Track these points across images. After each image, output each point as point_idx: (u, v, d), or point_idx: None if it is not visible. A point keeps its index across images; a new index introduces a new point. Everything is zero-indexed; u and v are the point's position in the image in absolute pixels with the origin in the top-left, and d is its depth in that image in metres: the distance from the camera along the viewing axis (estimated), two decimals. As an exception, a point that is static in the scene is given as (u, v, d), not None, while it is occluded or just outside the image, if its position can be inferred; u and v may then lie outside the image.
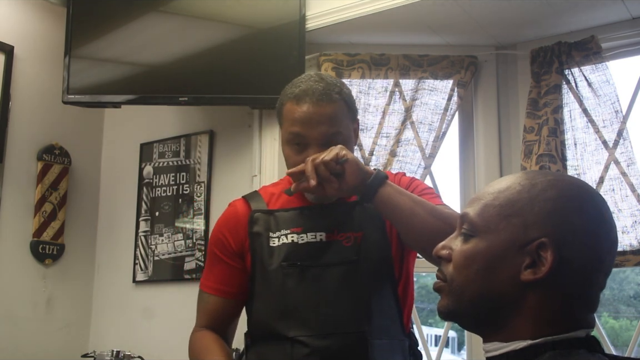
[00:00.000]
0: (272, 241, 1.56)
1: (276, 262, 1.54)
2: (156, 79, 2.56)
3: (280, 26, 2.52)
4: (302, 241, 1.54)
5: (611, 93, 2.25)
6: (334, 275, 1.51)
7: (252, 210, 1.60)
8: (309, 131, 1.51)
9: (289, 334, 1.49)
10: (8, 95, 2.68)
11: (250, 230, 1.59)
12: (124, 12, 2.60)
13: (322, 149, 1.48)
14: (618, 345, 6.20)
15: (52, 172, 2.84)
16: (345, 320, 1.49)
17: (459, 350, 12.26)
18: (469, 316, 0.96)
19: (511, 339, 0.91)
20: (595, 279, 0.92)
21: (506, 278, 0.91)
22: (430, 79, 2.56)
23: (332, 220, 1.56)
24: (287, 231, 1.56)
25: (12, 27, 2.76)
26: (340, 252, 1.53)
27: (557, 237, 0.89)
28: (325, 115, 1.51)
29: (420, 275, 14.33)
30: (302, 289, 1.51)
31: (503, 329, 0.92)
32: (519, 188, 0.94)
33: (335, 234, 1.55)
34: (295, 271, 1.52)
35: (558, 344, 0.88)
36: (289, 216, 1.58)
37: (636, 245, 2.15)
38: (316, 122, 1.51)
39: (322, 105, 1.52)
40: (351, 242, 1.54)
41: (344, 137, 1.54)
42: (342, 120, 1.54)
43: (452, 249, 0.98)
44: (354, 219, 1.56)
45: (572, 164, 2.30)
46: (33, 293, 2.77)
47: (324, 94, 1.53)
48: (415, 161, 2.52)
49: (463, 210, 0.99)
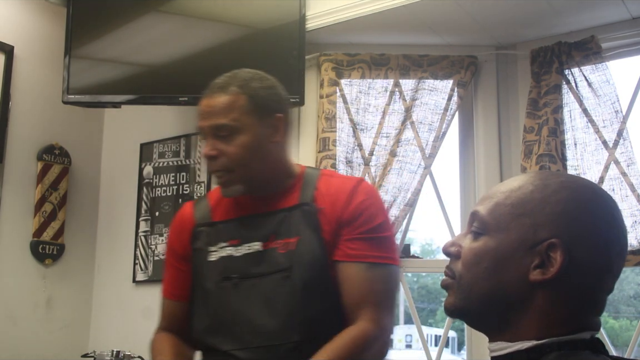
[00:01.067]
0: (210, 256, 1.56)
1: (213, 278, 1.54)
2: (156, 79, 2.56)
3: (280, 26, 2.52)
4: (238, 253, 1.53)
5: (611, 93, 2.25)
6: (268, 285, 1.49)
7: (195, 224, 1.61)
8: (202, 123, 1.53)
9: (223, 347, 1.49)
10: (8, 95, 2.68)
11: (193, 246, 1.59)
12: (124, 12, 2.60)
13: (215, 142, 1.50)
14: (618, 345, 6.21)
15: (52, 172, 2.84)
16: (277, 331, 1.46)
17: (459, 350, 12.27)
18: (476, 314, 0.96)
19: (516, 339, 0.91)
20: (604, 282, 0.92)
21: (515, 277, 0.91)
22: (430, 79, 2.56)
23: (270, 228, 1.53)
24: (225, 244, 1.55)
25: (12, 27, 2.76)
26: (275, 260, 1.50)
27: (567, 238, 0.89)
28: (215, 107, 1.52)
29: (420, 276, 14.30)
30: (237, 302, 1.50)
31: (509, 328, 0.92)
32: (532, 188, 0.94)
33: (271, 242, 1.52)
34: (230, 285, 1.51)
35: (563, 345, 0.88)
36: (228, 228, 1.57)
37: (636, 245, 2.15)
38: (207, 113, 1.52)
39: (215, 97, 1.53)
40: (286, 248, 1.50)
41: (234, 131, 1.50)
42: (233, 113, 1.50)
43: (461, 246, 0.98)
44: (292, 224, 1.52)
45: (572, 164, 2.30)
46: (33, 293, 2.77)
47: (220, 86, 1.54)
48: (415, 161, 2.52)
49: (474, 208, 0.98)
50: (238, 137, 1.51)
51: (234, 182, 1.53)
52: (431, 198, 2.68)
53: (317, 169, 1.66)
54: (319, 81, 2.62)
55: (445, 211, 2.62)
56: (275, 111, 1.56)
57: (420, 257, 2.73)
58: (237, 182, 1.53)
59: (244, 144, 1.51)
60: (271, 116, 1.55)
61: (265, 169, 1.55)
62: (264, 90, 1.56)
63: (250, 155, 1.52)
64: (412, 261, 2.64)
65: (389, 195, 2.50)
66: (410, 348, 13.96)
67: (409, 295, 2.66)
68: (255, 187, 1.55)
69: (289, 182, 1.59)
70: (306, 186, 1.57)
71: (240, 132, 1.51)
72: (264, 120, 1.54)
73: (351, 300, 1.48)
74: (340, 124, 2.58)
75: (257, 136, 1.53)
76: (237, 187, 1.53)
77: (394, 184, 2.50)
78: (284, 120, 1.58)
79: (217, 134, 1.51)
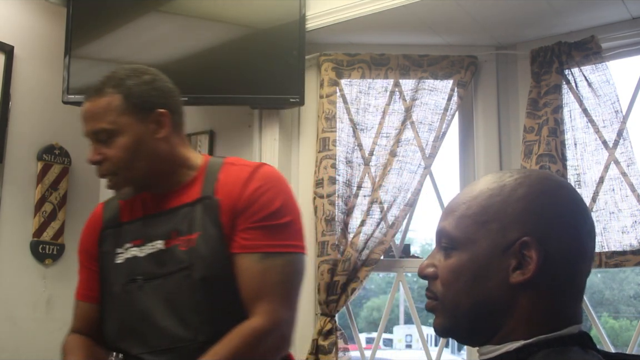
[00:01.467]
0: (117, 258, 1.53)
1: (120, 280, 1.51)
2: (156, 79, 2.56)
3: (280, 26, 2.52)
4: (143, 254, 1.50)
5: (611, 93, 2.25)
6: (171, 285, 1.45)
7: (103, 226, 1.59)
8: (84, 129, 1.52)
9: (132, 351, 1.47)
10: (8, 95, 2.68)
11: (100, 249, 1.58)
12: (124, 12, 2.60)
13: (99, 147, 1.49)
14: (618, 345, 6.21)
15: (52, 172, 2.84)
16: (181, 332, 1.42)
17: (459, 350, 12.26)
18: (466, 330, 0.95)
19: (505, 341, 0.91)
20: (582, 267, 0.93)
21: (496, 284, 0.91)
22: (430, 79, 2.56)
23: (172, 225, 1.49)
24: (129, 245, 1.53)
25: (12, 27, 2.76)
26: (177, 259, 1.46)
27: (537, 233, 0.89)
28: (93, 111, 1.50)
29: (420, 275, 14.21)
30: (142, 304, 1.47)
31: (497, 333, 0.92)
32: (489, 193, 0.94)
33: (173, 239, 1.48)
34: (135, 287, 1.48)
35: (551, 342, 0.88)
36: (133, 228, 1.54)
37: (636, 245, 2.15)
38: (85, 119, 1.51)
39: (92, 101, 1.50)
40: (187, 245, 1.46)
41: (113, 133, 1.47)
42: (110, 116, 1.47)
43: (436, 266, 0.97)
44: (194, 219, 1.47)
45: (572, 164, 2.30)
46: (33, 293, 2.77)
47: (96, 89, 1.50)
48: (415, 161, 2.52)
49: (439, 225, 0.98)
50: (117, 139, 1.48)
51: (121, 184, 1.52)
52: (431, 198, 2.69)
53: (221, 158, 1.58)
54: (319, 81, 2.63)
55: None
56: (156, 106, 1.51)
57: (420, 257, 2.73)
58: (123, 185, 1.53)
59: (123, 145, 1.47)
60: (152, 112, 1.50)
61: (153, 166, 1.50)
62: (141, 87, 1.50)
63: (132, 155, 1.48)
64: (412, 261, 2.64)
65: (389, 195, 2.50)
66: (410, 348, 13.97)
67: (409, 295, 2.66)
68: (147, 186, 1.53)
69: (190, 175, 1.53)
70: (208, 178, 1.51)
71: (118, 134, 1.48)
72: (144, 117, 1.49)
73: (246, 294, 1.43)
74: (340, 124, 2.58)
75: (137, 135, 1.48)
76: (126, 189, 1.53)
77: (394, 184, 2.50)
78: (168, 113, 1.52)
79: (98, 139, 1.49)
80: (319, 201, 2.52)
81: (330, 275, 2.45)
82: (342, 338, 2.49)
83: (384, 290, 13.70)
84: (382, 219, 2.48)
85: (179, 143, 1.55)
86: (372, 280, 14.03)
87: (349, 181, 2.55)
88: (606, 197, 2.22)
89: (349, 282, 2.46)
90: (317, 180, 2.54)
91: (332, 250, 2.46)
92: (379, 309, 13.56)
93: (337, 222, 2.50)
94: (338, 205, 2.52)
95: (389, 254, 2.62)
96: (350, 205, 2.53)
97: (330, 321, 2.44)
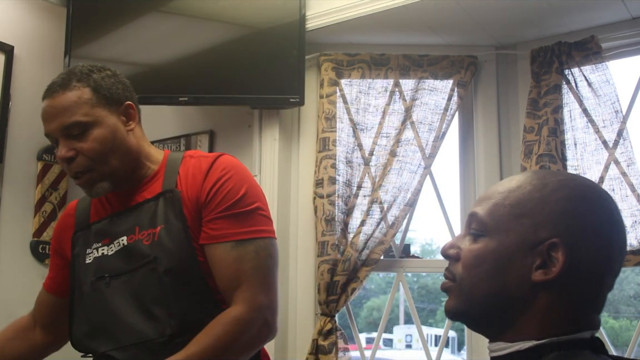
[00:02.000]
0: (87, 258, 1.54)
1: (88, 279, 1.52)
2: (156, 79, 2.56)
3: (280, 26, 2.52)
4: (111, 252, 1.50)
5: (611, 93, 2.25)
6: (137, 280, 1.45)
7: (75, 229, 1.59)
8: (49, 127, 1.46)
9: (100, 349, 1.47)
10: (8, 95, 2.68)
11: (72, 252, 1.59)
12: (124, 12, 2.60)
13: (70, 142, 1.44)
14: (618, 345, 6.21)
15: (52, 172, 2.84)
16: (148, 326, 1.41)
17: (459, 350, 12.27)
18: (478, 316, 0.95)
19: (517, 339, 0.91)
20: (605, 280, 0.92)
21: (516, 278, 0.90)
22: (430, 79, 2.56)
23: (135, 220, 1.49)
24: (98, 244, 1.53)
25: (12, 27, 2.76)
26: (140, 253, 1.45)
27: (568, 237, 0.89)
28: (59, 106, 1.44)
29: (420, 276, 14.26)
30: (110, 301, 1.47)
31: (510, 328, 0.92)
32: (530, 188, 0.93)
33: (137, 234, 1.48)
34: (102, 284, 1.48)
35: (563, 345, 0.88)
36: (101, 227, 1.54)
37: (636, 245, 2.15)
38: (52, 115, 1.45)
39: (56, 97, 1.45)
40: (150, 239, 1.45)
41: (88, 126, 1.44)
42: (81, 108, 1.44)
43: (461, 249, 0.97)
44: (157, 214, 1.47)
45: (572, 164, 2.30)
46: (33, 293, 2.75)
47: (59, 85, 1.46)
48: (415, 161, 2.52)
49: (472, 209, 0.98)
50: (92, 131, 1.44)
51: (97, 180, 1.47)
52: (431, 198, 2.69)
53: (181, 152, 1.58)
54: (319, 81, 2.63)
55: (445, 211, 2.62)
56: (123, 99, 1.51)
57: (420, 257, 2.73)
58: (100, 180, 1.48)
59: (99, 138, 1.45)
60: (121, 104, 1.50)
61: (126, 160, 1.49)
62: (107, 80, 1.50)
63: (109, 148, 1.46)
64: (412, 261, 2.64)
65: (389, 195, 2.50)
66: (410, 348, 13.97)
67: (409, 295, 2.66)
68: (119, 181, 1.51)
69: (152, 170, 1.54)
70: (169, 172, 1.52)
71: (93, 127, 1.45)
72: (114, 109, 1.49)
73: (223, 284, 1.42)
74: (340, 124, 2.58)
75: (111, 127, 1.47)
76: (102, 184, 1.48)
77: (394, 184, 2.50)
78: (135, 106, 1.53)
79: (69, 134, 1.44)
80: (319, 201, 2.52)
81: (330, 275, 2.45)
82: (342, 338, 2.49)
83: (384, 290, 13.70)
84: (382, 219, 2.48)
85: (142, 137, 1.55)
86: (372, 280, 14.03)
87: (349, 181, 2.55)
88: (606, 197, 2.22)
89: (349, 282, 2.46)
90: (317, 180, 2.54)
91: (332, 250, 2.46)
92: (379, 309, 13.56)
93: (337, 222, 2.50)
94: (338, 205, 2.52)
95: (389, 254, 2.62)
96: (350, 205, 2.53)
97: (330, 321, 2.44)
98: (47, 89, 1.48)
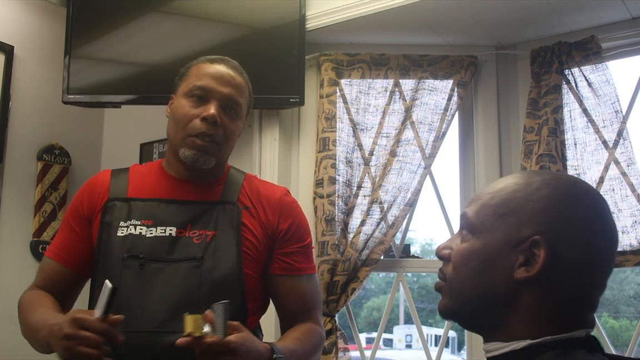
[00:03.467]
0: (120, 230, 1.52)
1: (119, 253, 1.49)
2: (156, 79, 2.56)
3: (280, 26, 2.52)
4: (150, 234, 1.51)
5: (611, 93, 2.25)
6: (175, 272, 1.47)
7: (110, 197, 1.57)
8: (218, 86, 1.53)
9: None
10: (8, 95, 2.68)
11: (102, 219, 1.55)
12: (123, 12, 2.60)
13: (223, 113, 1.52)
14: (618, 345, 6.21)
15: (52, 172, 2.84)
16: (170, 319, 1.42)
17: (459, 350, 12.27)
18: (468, 315, 0.97)
19: (510, 338, 0.91)
20: (593, 278, 0.92)
21: (501, 277, 0.91)
22: (430, 79, 2.56)
23: (188, 216, 1.52)
24: (137, 222, 1.52)
25: (12, 27, 2.76)
26: (188, 249, 1.49)
27: (550, 234, 0.89)
28: (237, 81, 1.56)
29: (420, 276, 14.27)
30: (137, 283, 1.46)
31: (501, 328, 0.92)
32: (515, 187, 0.95)
33: (187, 230, 1.51)
34: (134, 264, 1.48)
35: (558, 344, 0.88)
36: (144, 207, 1.54)
37: (636, 245, 2.15)
38: (227, 81, 1.54)
39: (235, 73, 1.57)
40: (201, 239, 1.50)
41: (240, 114, 1.57)
42: (245, 98, 1.58)
43: (452, 249, 0.99)
44: (212, 218, 1.52)
45: (572, 164, 2.30)
46: (33, 293, 2.77)
47: (235, 67, 1.59)
48: (415, 161, 2.52)
49: (463, 210, 1.00)
50: (238, 120, 1.57)
51: (213, 154, 1.53)
52: (431, 198, 2.69)
53: (243, 172, 1.68)
54: (319, 81, 2.63)
55: (445, 211, 2.62)
56: (250, 110, 1.66)
57: (420, 257, 2.72)
58: (214, 156, 1.54)
59: (239, 128, 1.58)
60: (249, 111, 1.65)
61: (228, 155, 1.62)
62: (251, 86, 1.64)
63: (234, 139, 1.58)
64: (412, 261, 2.64)
65: (389, 195, 2.50)
66: (410, 348, 13.97)
67: (409, 295, 2.66)
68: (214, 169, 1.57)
69: (218, 176, 1.61)
70: (231, 184, 1.60)
71: (240, 118, 1.58)
72: (248, 114, 1.64)
73: (297, 308, 1.60)
74: (340, 124, 2.58)
75: (242, 126, 1.62)
76: (212, 159, 1.54)
77: (394, 184, 2.50)
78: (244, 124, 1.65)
79: (228, 106, 1.54)
80: (319, 201, 2.52)
81: (330, 275, 2.45)
82: (342, 338, 2.49)
83: (384, 290, 13.70)
84: (382, 219, 2.48)
85: None
86: (372, 280, 14.03)
87: (349, 181, 2.55)
88: (606, 197, 2.22)
89: (349, 282, 2.46)
90: (317, 180, 2.54)
91: (332, 250, 2.46)
92: (379, 309, 13.56)
93: (337, 222, 2.50)
94: (338, 205, 2.52)
95: (389, 254, 2.62)
96: (350, 205, 2.53)
97: (330, 321, 2.44)
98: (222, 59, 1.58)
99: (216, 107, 1.51)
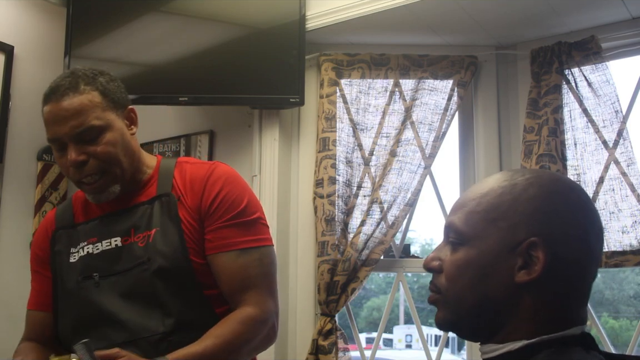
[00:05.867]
0: (72, 257, 1.53)
1: (74, 278, 1.51)
2: (156, 79, 2.56)
3: (280, 26, 2.52)
4: (97, 251, 1.50)
5: (611, 93, 2.25)
6: (129, 280, 1.46)
7: (55, 227, 1.58)
8: (59, 129, 1.44)
9: None
10: (8, 95, 2.68)
11: (52, 249, 1.57)
12: (124, 12, 2.60)
13: (81, 146, 1.44)
14: (618, 345, 6.21)
15: (52, 172, 2.84)
16: (141, 324, 1.43)
17: (459, 350, 12.27)
18: (468, 325, 0.95)
19: (507, 340, 0.91)
20: (588, 271, 0.92)
21: (501, 282, 0.91)
22: (430, 79, 2.56)
23: (130, 222, 1.50)
24: (84, 243, 1.53)
25: (12, 27, 2.76)
26: (134, 254, 1.47)
27: (545, 234, 0.89)
28: (71, 110, 1.43)
29: (420, 276, 14.43)
30: (99, 300, 1.47)
31: (499, 331, 0.92)
32: (500, 190, 0.94)
33: (132, 236, 1.49)
34: (91, 284, 1.49)
35: (553, 343, 0.88)
36: (89, 228, 1.54)
37: (636, 245, 2.15)
38: (62, 117, 1.43)
39: (66, 100, 1.43)
40: (145, 241, 1.48)
41: (102, 129, 1.45)
42: (94, 112, 1.44)
43: (442, 260, 0.97)
44: (152, 216, 1.50)
45: (572, 164, 2.30)
46: (33, 293, 2.77)
47: (68, 87, 1.45)
48: (415, 161, 2.52)
49: (448, 219, 0.98)
50: (105, 135, 1.45)
51: (110, 183, 1.48)
52: (431, 198, 2.69)
53: (174, 159, 1.61)
54: (319, 81, 2.63)
55: (445, 211, 2.62)
56: (127, 103, 1.54)
57: (420, 257, 2.72)
58: (112, 183, 1.49)
59: (112, 141, 1.46)
60: (124, 108, 1.52)
61: (132, 163, 1.52)
62: (111, 84, 1.51)
63: (119, 151, 1.47)
64: (412, 261, 2.64)
65: (389, 195, 2.50)
66: (410, 348, 13.98)
67: (409, 295, 2.66)
68: (126, 185, 1.52)
69: (147, 174, 1.56)
70: (163, 177, 1.54)
71: (106, 130, 1.46)
72: (120, 113, 1.51)
73: (229, 288, 1.47)
74: (340, 124, 2.58)
75: (119, 131, 1.49)
76: (114, 188, 1.49)
77: (394, 184, 2.50)
78: (135, 111, 1.56)
79: (81, 138, 1.44)
80: (319, 201, 2.52)
81: (330, 275, 2.45)
82: (342, 338, 2.50)
83: (384, 290, 13.71)
84: (382, 219, 2.48)
85: (137, 142, 1.58)
86: (372, 280, 14.04)
87: (349, 181, 2.55)
88: (606, 197, 2.22)
89: (349, 282, 2.46)
90: (317, 180, 2.54)
91: (332, 250, 2.46)
92: (379, 309, 13.57)
93: (337, 222, 2.50)
94: (338, 205, 2.52)
95: (389, 254, 2.62)
96: (350, 205, 2.53)
97: (330, 321, 2.44)
98: (52, 91, 1.46)
99: (73, 149, 1.44)
